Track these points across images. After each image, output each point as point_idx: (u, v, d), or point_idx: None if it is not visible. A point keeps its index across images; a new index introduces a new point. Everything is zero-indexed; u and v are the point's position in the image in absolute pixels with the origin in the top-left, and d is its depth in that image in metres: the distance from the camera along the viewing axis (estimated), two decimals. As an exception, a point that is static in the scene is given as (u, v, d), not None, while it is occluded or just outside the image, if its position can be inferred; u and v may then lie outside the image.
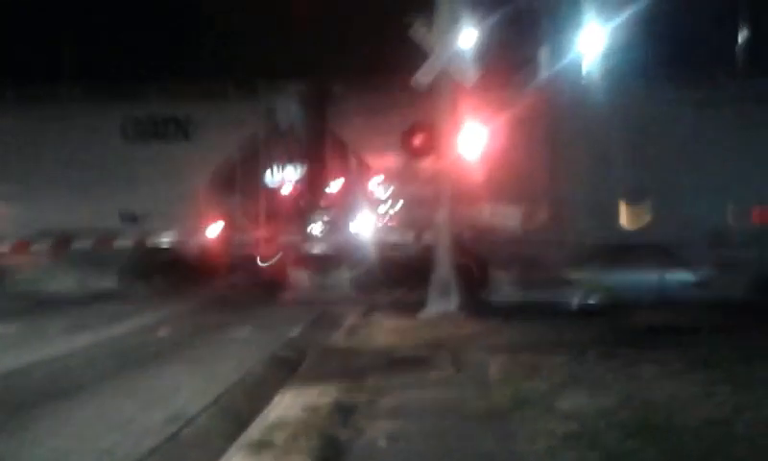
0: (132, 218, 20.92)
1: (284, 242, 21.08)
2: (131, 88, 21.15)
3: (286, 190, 21.86)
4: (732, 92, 18.84)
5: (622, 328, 14.26)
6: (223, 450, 7.12)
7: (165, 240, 21.22)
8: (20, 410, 8.87)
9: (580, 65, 20.23)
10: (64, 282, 20.88)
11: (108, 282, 20.80)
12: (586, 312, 17.03)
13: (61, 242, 21.01)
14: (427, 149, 16.81)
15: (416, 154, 17.78)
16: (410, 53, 16.30)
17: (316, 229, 21.64)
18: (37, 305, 18.87)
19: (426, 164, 17.41)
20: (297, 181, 22.07)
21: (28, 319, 16.69)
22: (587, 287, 18.35)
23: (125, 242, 21.09)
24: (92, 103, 21.19)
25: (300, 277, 20.91)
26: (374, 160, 19.81)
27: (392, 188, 19.64)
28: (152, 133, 21.10)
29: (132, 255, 21.18)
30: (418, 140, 17.05)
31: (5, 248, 21.37)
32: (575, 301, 18.04)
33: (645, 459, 6.61)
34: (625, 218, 18.70)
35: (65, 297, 19.91)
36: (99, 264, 20.74)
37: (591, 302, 18.10)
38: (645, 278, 18.51)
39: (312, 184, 21.94)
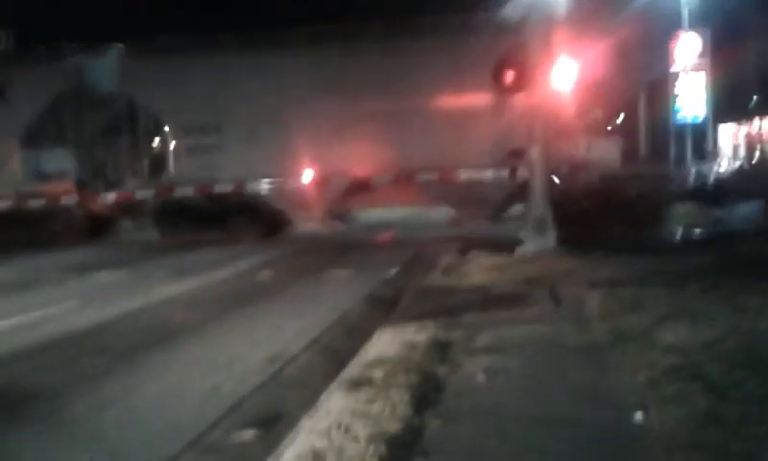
0: None
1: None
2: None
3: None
4: None
5: (726, 260, 13.87)
6: (323, 388, 7.24)
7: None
8: (130, 352, 9.21)
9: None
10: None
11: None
12: (688, 244, 16.62)
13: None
14: (519, 85, 16.47)
15: (507, 90, 17.45)
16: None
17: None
18: (143, 253, 19.45)
19: (518, 100, 17.11)
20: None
21: (135, 266, 17.22)
22: (689, 219, 17.89)
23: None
24: None
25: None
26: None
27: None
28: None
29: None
30: (508, 76, 16.70)
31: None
32: (677, 233, 17.61)
33: (749, 390, 6.44)
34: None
35: (168, 245, 20.48)
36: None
37: (694, 234, 17.63)
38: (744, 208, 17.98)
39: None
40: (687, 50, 19.53)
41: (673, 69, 19.56)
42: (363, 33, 20.74)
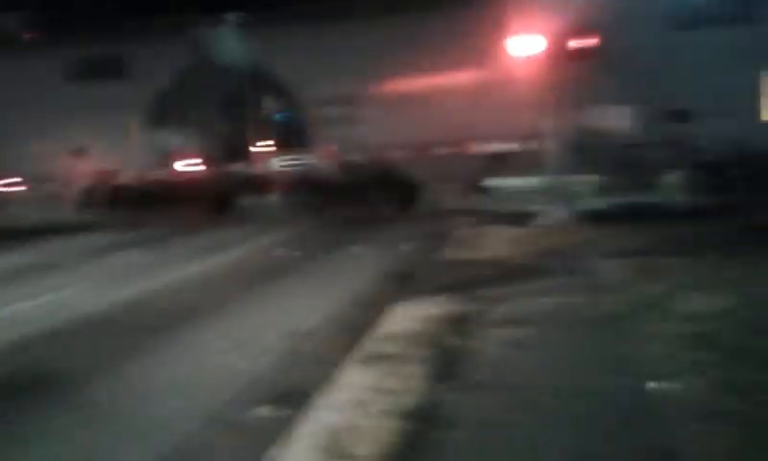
0: None
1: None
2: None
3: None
4: None
5: (742, 229, 13.80)
6: (338, 363, 7.26)
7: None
8: (148, 332, 9.24)
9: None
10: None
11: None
12: (704, 213, 16.48)
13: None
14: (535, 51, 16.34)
15: (519, 61, 17.30)
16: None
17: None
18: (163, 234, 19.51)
19: (534, 68, 16.95)
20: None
21: (157, 246, 17.26)
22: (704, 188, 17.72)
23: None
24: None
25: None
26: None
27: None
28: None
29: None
30: (524, 44, 16.55)
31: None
32: (693, 202, 17.45)
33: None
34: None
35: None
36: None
37: (709, 203, 17.46)
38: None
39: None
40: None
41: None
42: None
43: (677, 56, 17.56)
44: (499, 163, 19.72)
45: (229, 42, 21.91)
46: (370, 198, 20.64)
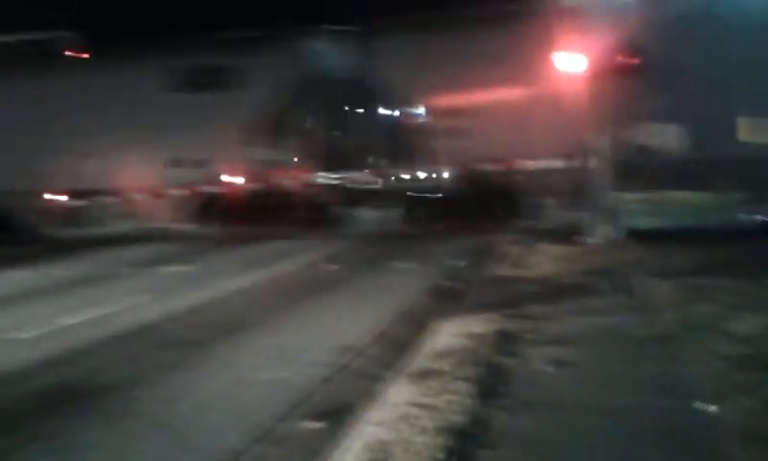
0: None
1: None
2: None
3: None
4: None
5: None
6: (391, 379, 7.28)
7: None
8: (199, 344, 9.36)
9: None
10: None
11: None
12: (759, 233, 16.26)
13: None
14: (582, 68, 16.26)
15: (568, 79, 17.23)
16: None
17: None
18: (211, 246, 19.74)
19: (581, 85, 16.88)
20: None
21: (203, 259, 17.48)
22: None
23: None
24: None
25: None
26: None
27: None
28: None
29: None
30: (570, 61, 16.50)
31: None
32: (749, 221, 17.20)
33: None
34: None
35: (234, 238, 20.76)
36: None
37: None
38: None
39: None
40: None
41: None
42: None
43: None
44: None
45: (336, 55, 21.89)
46: (490, 209, 20.45)
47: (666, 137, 18.10)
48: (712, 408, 5.97)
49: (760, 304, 9.13)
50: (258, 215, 21.39)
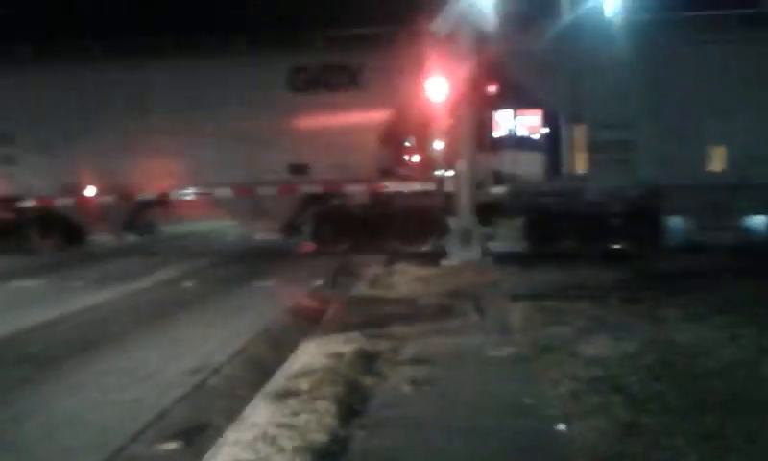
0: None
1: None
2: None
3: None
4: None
5: (644, 274, 14.26)
6: (249, 399, 7.19)
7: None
8: (50, 362, 9.00)
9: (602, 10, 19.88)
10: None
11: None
12: (608, 258, 16.97)
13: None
14: (448, 98, 16.62)
15: (432, 103, 17.58)
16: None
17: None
18: (67, 259, 19.07)
19: (447, 113, 17.25)
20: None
21: (56, 273, 16.86)
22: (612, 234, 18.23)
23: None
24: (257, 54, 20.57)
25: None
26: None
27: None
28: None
29: None
30: (440, 89, 16.84)
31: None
32: (598, 247, 17.95)
33: (670, 402, 6.61)
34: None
35: (91, 252, 20.11)
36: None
37: (614, 247, 17.99)
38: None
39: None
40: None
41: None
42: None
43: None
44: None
45: None
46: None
47: (528, 166, 18.67)
48: (563, 428, 6.16)
49: (609, 327, 9.51)
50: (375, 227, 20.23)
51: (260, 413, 6.64)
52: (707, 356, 8.04)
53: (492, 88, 16.84)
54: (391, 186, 19.81)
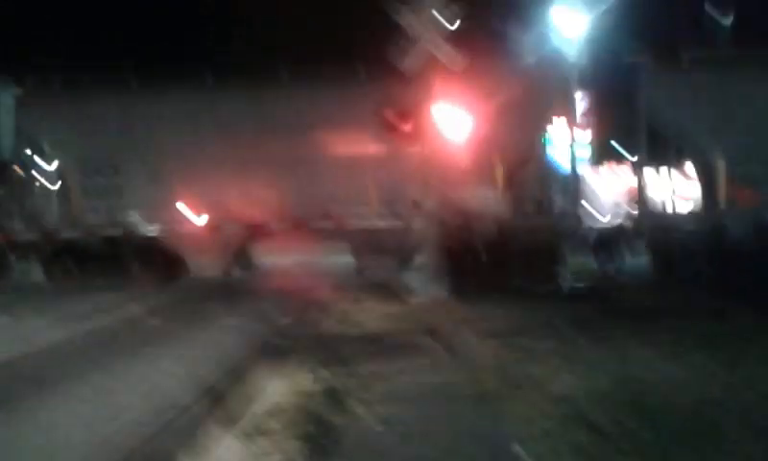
0: None
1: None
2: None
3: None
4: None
5: (612, 311, 14.34)
6: (219, 438, 7.09)
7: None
8: (11, 401, 8.80)
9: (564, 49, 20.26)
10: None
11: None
12: (575, 295, 17.07)
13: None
14: (413, 134, 16.71)
15: (402, 139, 17.64)
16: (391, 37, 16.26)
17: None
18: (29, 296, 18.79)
19: (413, 149, 17.32)
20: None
21: (18, 310, 16.57)
22: (575, 271, 18.39)
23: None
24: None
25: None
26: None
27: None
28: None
29: None
30: (403, 125, 16.92)
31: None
32: (565, 284, 18.07)
33: (641, 439, 6.61)
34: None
35: (54, 288, 19.82)
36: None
37: (580, 285, 18.11)
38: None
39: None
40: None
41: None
42: (261, 80, 20.37)
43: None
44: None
45: None
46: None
47: (493, 202, 18.81)
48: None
49: (578, 364, 9.54)
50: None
51: (231, 452, 6.56)
52: (677, 393, 8.09)
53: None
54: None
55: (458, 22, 16.01)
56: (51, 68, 22.49)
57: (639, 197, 20.47)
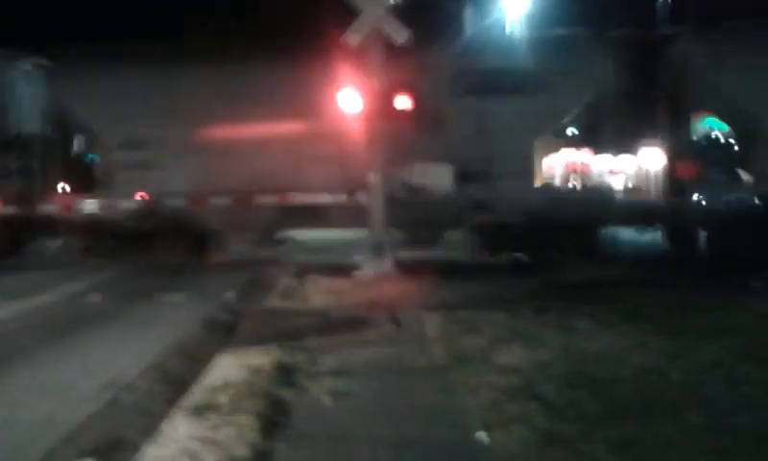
0: None
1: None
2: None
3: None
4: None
5: (553, 284, 14.55)
6: (165, 414, 7.05)
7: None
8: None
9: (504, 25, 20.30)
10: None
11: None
12: (517, 269, 17.27)
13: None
14: (359, 109, 16.66)
15: (348, 114, 17.58)
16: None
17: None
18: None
19: (359, 124, 17.27)
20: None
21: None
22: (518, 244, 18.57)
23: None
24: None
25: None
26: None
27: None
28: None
29: None
30: (350, 100, 16.86)
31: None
32: (507, 259, 18.28)
33: (586, 409, 6.77)
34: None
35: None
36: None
37: (522, 259, 18.31)
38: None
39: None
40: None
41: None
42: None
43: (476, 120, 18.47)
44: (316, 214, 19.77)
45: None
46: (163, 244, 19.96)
47: (438, 177, 18.85)
48: (484, 436, 6.22)
49: (522, 337, 9.68)
50: None
51: (179, 428, 6.53)
52: (618, 363, 8.26)
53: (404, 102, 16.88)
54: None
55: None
56: (80, 40, 21.95)
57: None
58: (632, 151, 19.91)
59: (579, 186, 20.04)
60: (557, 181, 20.25)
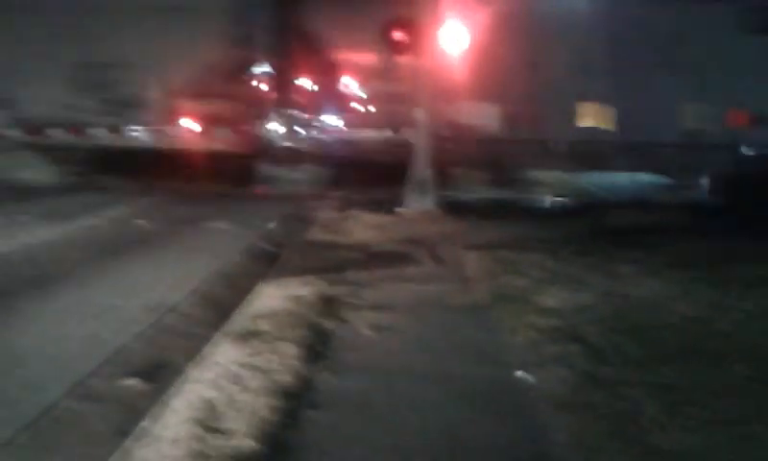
0: None
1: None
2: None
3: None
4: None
5: (597, 228, 14.43)
6: (207, 338, 7.16)
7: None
8: (1, 298, 8.81)
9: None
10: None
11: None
12: (560, 212, 17.16)
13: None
14: (407, 45, 16.53)
15: (396, 50, 17.46)
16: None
17: (285, 123, 21.38)
18: (13, 194, 18.60)
19: (406, 61, 17.16)
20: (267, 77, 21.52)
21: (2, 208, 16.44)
22: (561, 187, 18.42)
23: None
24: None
25: (270, 171, 20.71)
26: (350, 56, 19.35)
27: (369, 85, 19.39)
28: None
29: None
30: (398, 35, 16.73)
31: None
32: (549, 201, 18.16)
33: (628, 353, 6.75)
34: (589, 117, 18.58)
35: (40, 186, 19.62)
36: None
37: (566, 202, 18.17)
38: (616, 179, 18.62)
39: (282, 80, 21.49)
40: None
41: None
42: None
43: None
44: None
45: None
46: None
47: (485, 117, 18.66)
48: (529, 377, 6.24)
49: (563, 279, 9.65)
50: None
51: (223, 353, 6.62)
52: (662, 309, 8.22)
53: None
54: None
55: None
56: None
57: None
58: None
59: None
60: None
